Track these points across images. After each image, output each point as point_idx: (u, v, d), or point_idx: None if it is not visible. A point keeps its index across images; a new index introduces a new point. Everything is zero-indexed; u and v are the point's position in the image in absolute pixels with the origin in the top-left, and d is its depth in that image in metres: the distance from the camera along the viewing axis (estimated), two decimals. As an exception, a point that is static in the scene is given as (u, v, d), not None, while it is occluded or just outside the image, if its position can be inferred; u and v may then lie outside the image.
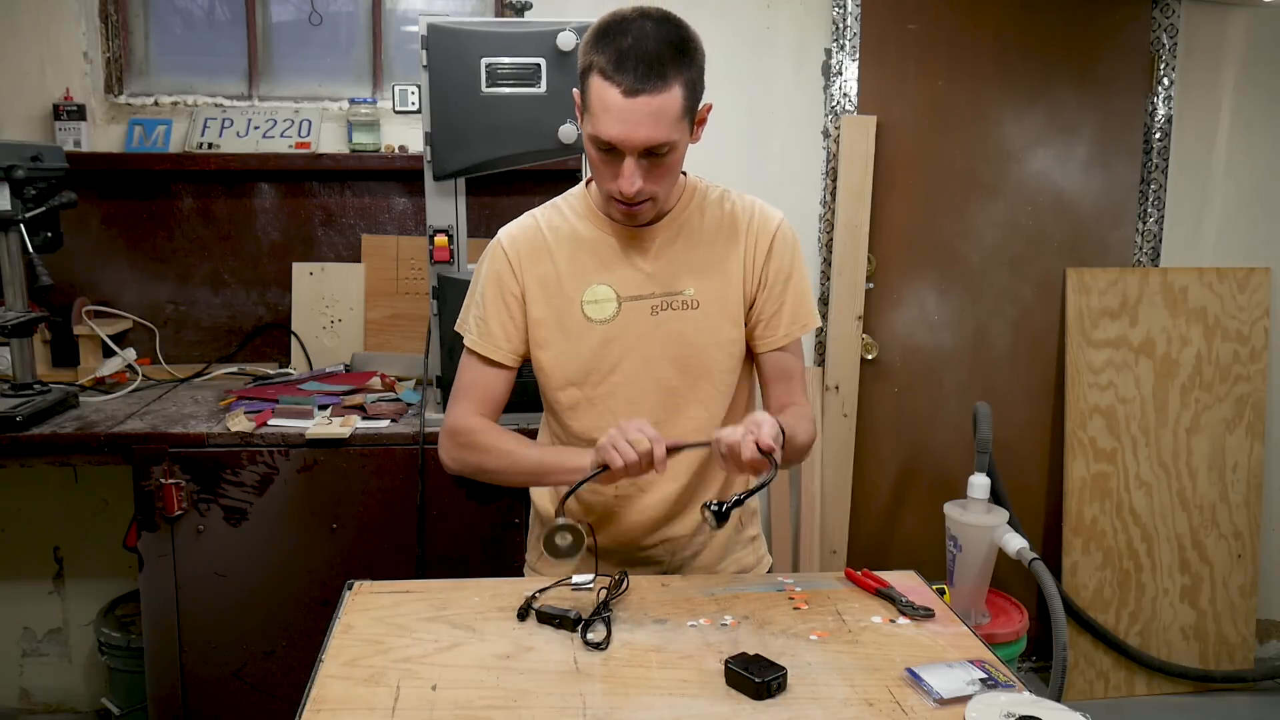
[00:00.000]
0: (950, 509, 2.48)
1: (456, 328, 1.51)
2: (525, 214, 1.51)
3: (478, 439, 1.44)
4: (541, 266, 1.45)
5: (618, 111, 1.25)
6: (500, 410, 1.49)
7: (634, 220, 1.39)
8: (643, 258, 1.43)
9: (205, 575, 2.06)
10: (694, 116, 1.33)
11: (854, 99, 2.79)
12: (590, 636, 1.20)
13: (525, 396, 2.02)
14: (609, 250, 1.44)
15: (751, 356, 1.50)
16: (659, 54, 1.25)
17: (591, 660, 1.16)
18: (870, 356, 2.91)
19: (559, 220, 1.47)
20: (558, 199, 1.51)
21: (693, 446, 1.31)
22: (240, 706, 2.11)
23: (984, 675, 1.11)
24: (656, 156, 1.30)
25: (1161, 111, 2.91)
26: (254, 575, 2.08)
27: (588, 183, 1.48)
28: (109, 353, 2.51)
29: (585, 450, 1.34)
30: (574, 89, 1.35)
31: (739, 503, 1.28)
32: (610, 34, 1.26)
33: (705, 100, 1.34)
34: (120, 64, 2.68)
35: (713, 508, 1.24)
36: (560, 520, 1.28)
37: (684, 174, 1.46)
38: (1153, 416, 2.94)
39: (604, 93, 1.26)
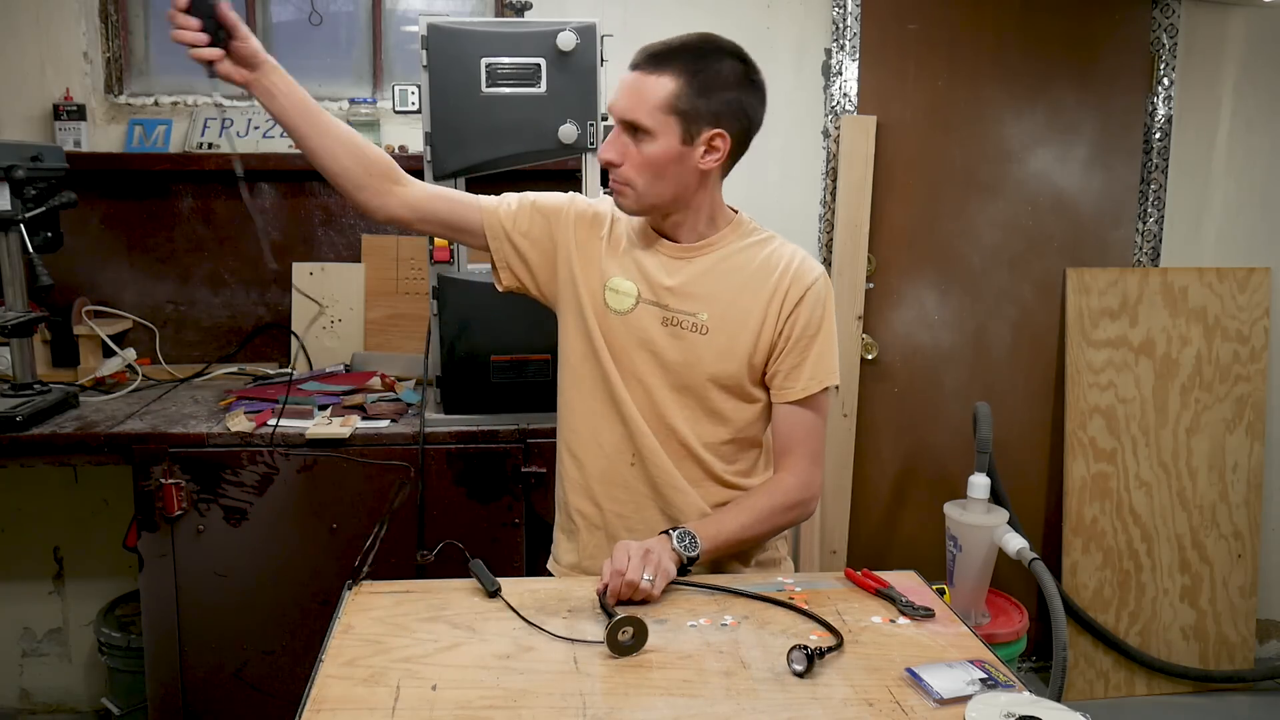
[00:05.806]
0: (950, 509, 2.48)
1: None
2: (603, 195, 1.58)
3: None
4: (593, 239, 1.51)
5: (619, 81, 1.38)
6: (421, 199, 1.49)
7: (618, 199, 1.44)
8: (673, 273, 1.47)
9: (205, 575, 2.06)
10: (689, 127, 1.37)
11: (854, 99, 2.79)
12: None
13: (526, 396, 2.00)
14: (647, 257, 1.48)
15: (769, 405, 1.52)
16: (674, 48, 1.35)
17: (591, 660, 1.16)
18: (870, 356, 2.91)
19: (622, 214, 1.53)
20: None
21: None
22: (240, 706, 2.11)
23: (984, 675, 1.11)
24: (636, 139, 1.37)
25: (1161, 111, 2.91)
26: (254, 575, 2.07)
27: None
28: (109, 353, 2.50)
29: None
30: None
31: None
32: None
33: (718, 129, 1.38)
34: (120, 64, 2.68)
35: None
36: (618, 615, 1.18)
37: (735, 210, 1.51)
38: (1153, 416, 2.94)
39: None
